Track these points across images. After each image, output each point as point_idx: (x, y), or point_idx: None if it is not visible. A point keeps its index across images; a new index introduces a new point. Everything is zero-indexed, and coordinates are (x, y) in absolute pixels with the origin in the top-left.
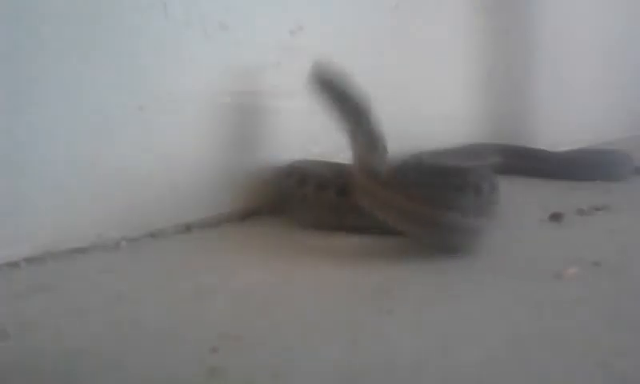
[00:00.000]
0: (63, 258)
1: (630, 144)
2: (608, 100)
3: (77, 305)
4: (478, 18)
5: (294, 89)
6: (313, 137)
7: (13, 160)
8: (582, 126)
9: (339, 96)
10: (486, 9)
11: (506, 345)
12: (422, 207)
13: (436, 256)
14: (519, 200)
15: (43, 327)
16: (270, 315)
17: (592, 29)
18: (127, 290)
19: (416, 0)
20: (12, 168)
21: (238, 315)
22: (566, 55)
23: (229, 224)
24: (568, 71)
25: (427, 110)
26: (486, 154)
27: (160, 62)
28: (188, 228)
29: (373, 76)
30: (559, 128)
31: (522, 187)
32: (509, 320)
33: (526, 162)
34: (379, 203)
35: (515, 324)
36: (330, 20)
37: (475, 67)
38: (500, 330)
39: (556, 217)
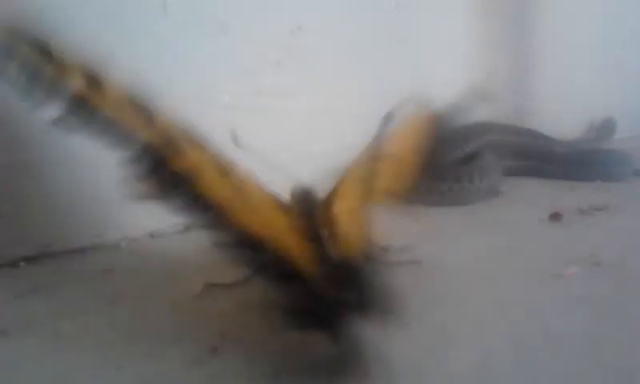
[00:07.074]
0: (63, 258)
1: (630, 144)
2: (608, 100)
3: (77, 305)
4: (478, 18)
5: (293, 89)
6: (313, 137)
7: (13, 160)
8: (582, 126)
9: None
10: (485, 9)
11: (505, 345)
12: None
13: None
14: (519, 200)
15: (43, 327)
16: (269, 315)
17: (592, 29)
18: (127, 290)
19: (416, 0)
20: (12, 168)
21: (238, 315)
22: (566, 56)
23: None
24: (568, 71)
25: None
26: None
27: (160, 62)
28: (188, 228)
29: (372, 76)
30: (559, 128)
31: (522, 187)
32: (509, 320)
33: (526, 162)
34: None
35: (515, 324)
36: (330, 20)
37: (475, 67)
38: (500, 330)
39: (556, 217)
